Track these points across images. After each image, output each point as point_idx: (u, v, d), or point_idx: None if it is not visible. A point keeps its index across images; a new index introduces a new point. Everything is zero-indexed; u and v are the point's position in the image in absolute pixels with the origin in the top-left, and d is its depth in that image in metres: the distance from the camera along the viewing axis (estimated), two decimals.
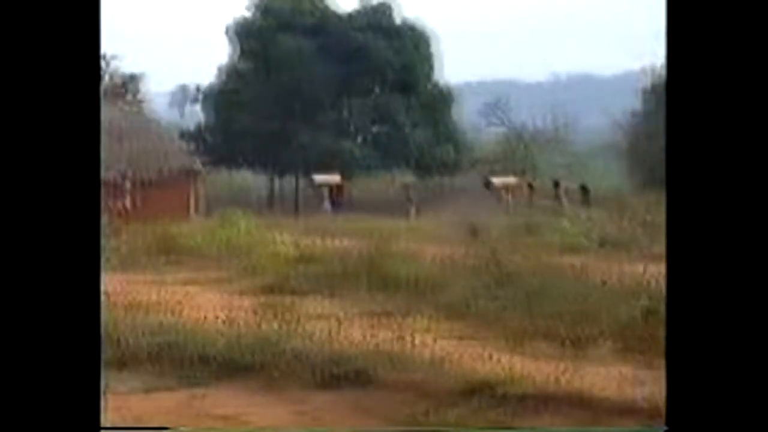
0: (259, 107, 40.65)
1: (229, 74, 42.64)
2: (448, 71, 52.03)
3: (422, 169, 42.20)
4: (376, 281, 12.90)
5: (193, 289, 13.41)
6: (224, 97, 41.91)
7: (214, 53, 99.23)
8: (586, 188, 34.19)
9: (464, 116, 47.41)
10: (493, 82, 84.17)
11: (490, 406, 7.26)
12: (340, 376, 8.09)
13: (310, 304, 11.74)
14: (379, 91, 42.06)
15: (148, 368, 8.63)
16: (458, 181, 42.58)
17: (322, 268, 14.23)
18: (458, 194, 38.15)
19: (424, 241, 17.39)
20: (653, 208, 18.93)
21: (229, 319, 9.98)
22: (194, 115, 47.78)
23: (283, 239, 17.85)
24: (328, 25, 42.17)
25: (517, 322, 10.08)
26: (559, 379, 7.72)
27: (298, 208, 38.84)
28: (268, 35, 41.28)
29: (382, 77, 41.82)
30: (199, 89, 45.09)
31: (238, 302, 11.62)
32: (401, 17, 43.33)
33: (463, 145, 43.31)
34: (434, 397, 7.49)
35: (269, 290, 13.03)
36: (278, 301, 11.58)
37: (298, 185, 41.34)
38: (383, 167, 41.49)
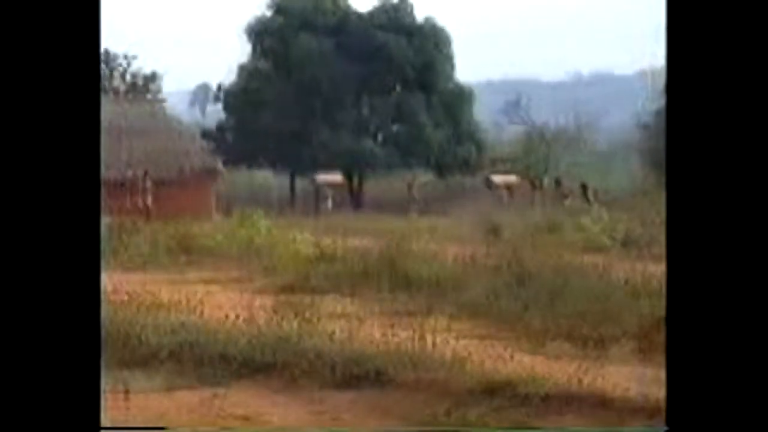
0: (279, 106, 40.69)
1: (249, 73, 42.69)
2: (469, 70, 52.18)
3: (442, 168, 42.13)
4: (396, 280, 12.91)
5: (213, 288, 13.47)
6: (244, 96, 41.96)
7: (234, 53, 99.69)
8: (585, 186, 34.55)
9: (486, 115, 47.30)
10: (514, 80, 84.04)
11: (511, 405, 7.23)
12: (360, 375, 8.06)
13: (329, 303, 11.75)
14: (399, 89, 41.99)
15: (169, 367, 8.64)
16: (477, 179, 42.35)
17: (341, 267, 14.25)
18: (469, 193, 37.98)
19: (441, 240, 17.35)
20: None
21: (249, 318, 9.97)
22: (215, 114, 47.89)
23: (302, 238, 17.89)
24: (348, 23, 42.17)
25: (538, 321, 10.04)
26: (581, 379, 7.67)
27: (318, 207, 38.87)
28: (288, 34, 41.32)
29: (402, 76, 41.75)
30: (219, 88, 45.18)
31: (258, 301, 11.62)
32: (422, 16, 43.33)
33: (483, 143, 43.20)
34: (455, 396, 7.45)
35: (289, 289, 13.06)
36: (298, 300, 11.57)
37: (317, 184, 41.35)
38: (403, 166, 41.39)
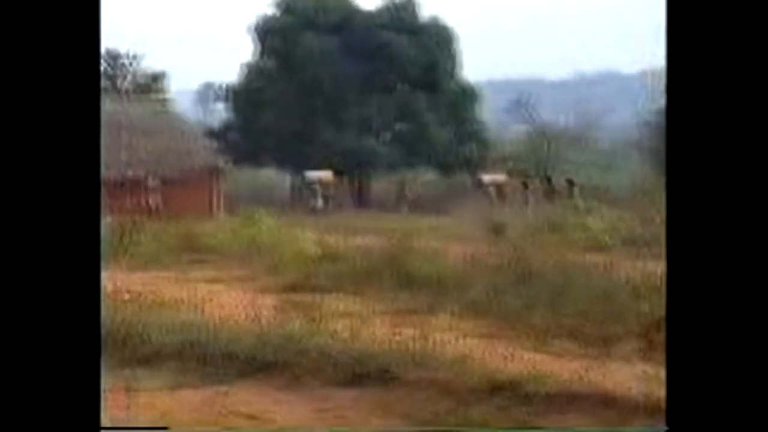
0: (282, 105, 40.70)
1: (253, 72, 42.69)
2: (472, 69, 52.00)
3: (446, 167, 42.09)
4: (399, 279, 12.92)
5: (217, 287, 13.47)
6: (248, 95, 41.96)
7: (238, 51, 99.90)
8: (572, 182, 34.59)
9: (489, 114, 47.23)
10: (518, 79, 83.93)
11: (514, 404, 7.24)
12: (363, 374, 8.08)
13: (333, 301, 11.76)
14: (402, 88, 41.92)
15: (173, 366, 8.66)
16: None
17: (345, 265, 14.26)
18: (464, 192, 37.88)
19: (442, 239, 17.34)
20: None
21: (252, 316, 10.00)
22: (219, 113, 47.91)
23: (306, 237, 17.90)
24: (351, 22, 42.13)
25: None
26: (583, 377, 7.68)
27: (309, 205, 38.78)
28: (291, 33, 41.30)
29: (405, 75, 41.70)
30: (223, 87, 45.18)
31: (261, 300, 11.64)
32: (425, 15, 43.30)
33: (487, 142, 43.17)
34: (458, 395, 7.46)
35: (292, 288, 13.07)
36: (301, 299, 11.61)
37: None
38: (407, 165, 41.37)
